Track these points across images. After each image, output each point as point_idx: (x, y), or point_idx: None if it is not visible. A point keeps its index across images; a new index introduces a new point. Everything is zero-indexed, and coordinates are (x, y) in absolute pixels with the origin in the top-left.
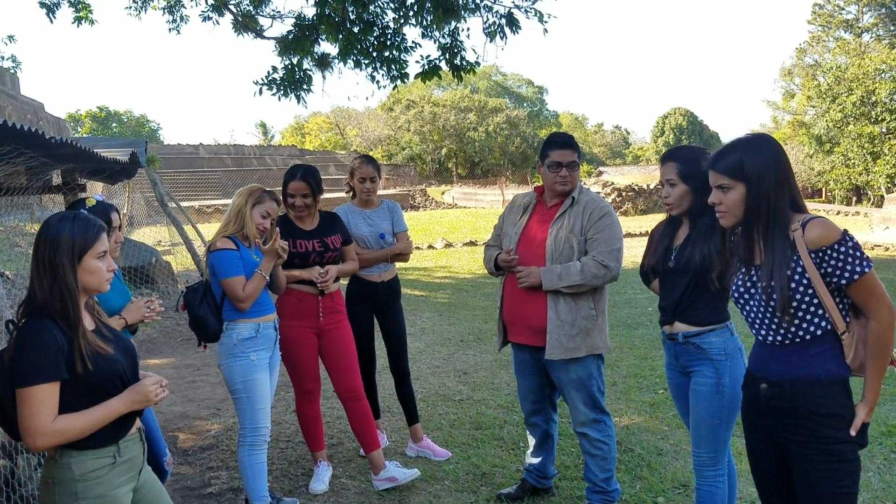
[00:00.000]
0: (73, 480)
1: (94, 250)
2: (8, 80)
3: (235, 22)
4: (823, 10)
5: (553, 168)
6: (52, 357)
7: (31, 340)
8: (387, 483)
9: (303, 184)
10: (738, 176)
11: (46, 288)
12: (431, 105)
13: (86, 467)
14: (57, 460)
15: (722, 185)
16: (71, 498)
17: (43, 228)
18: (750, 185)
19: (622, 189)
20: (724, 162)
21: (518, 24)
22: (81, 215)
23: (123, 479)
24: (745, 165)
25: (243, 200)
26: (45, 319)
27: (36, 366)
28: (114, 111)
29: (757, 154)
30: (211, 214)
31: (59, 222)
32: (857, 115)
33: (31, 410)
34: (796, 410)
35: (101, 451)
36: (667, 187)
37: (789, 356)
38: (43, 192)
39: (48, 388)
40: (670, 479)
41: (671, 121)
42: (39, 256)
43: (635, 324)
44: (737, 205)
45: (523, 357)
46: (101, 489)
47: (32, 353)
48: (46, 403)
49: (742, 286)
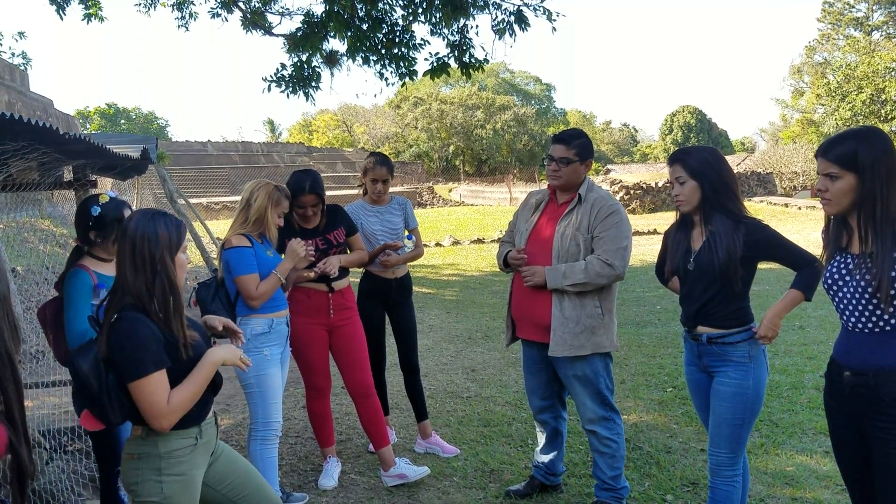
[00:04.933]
0: (158, 457)
1: (183, 245)
2: (17, 77)
3: (244, 19)
4: (833, 7)
5: (548, 162)
6: (155, 346)
7: (132, 334)
8: (396, 480)
9: (313, 196)
10: (850, 166)
11: (144, 282)
12: (439, 102)
13: (171, 445)
14: (144, 438)
15: (831, 173)
16: (154, 473)
17: (134, 226)
18: (862, 176)
19: (630, 187)
20: (836, 151)
21: (527, 21)
22: (167, 213)
23: (202, 459)
24: (858, 155)
25: (266, 202)
26: (138, 313)
27: (144, 357)
28: (122, 108)
29: (871, 145)
30: (219, 211)
31: (152, 219)
32: (866, 114)
33: (152, 398)
34: (880, 398)
35: (186, 433)
36: (676, 185)
37: (875, 345)
38: (54, 187)
39: (159, 375)
40: (679, 477)
41: (679, 119)
42: (137, 252)
43: (643, 322)
44: (844, 194)
45: (532, 354)
46: (183, 468)
47: (136, 345)
48: (161, 387)
49: (837, 273)
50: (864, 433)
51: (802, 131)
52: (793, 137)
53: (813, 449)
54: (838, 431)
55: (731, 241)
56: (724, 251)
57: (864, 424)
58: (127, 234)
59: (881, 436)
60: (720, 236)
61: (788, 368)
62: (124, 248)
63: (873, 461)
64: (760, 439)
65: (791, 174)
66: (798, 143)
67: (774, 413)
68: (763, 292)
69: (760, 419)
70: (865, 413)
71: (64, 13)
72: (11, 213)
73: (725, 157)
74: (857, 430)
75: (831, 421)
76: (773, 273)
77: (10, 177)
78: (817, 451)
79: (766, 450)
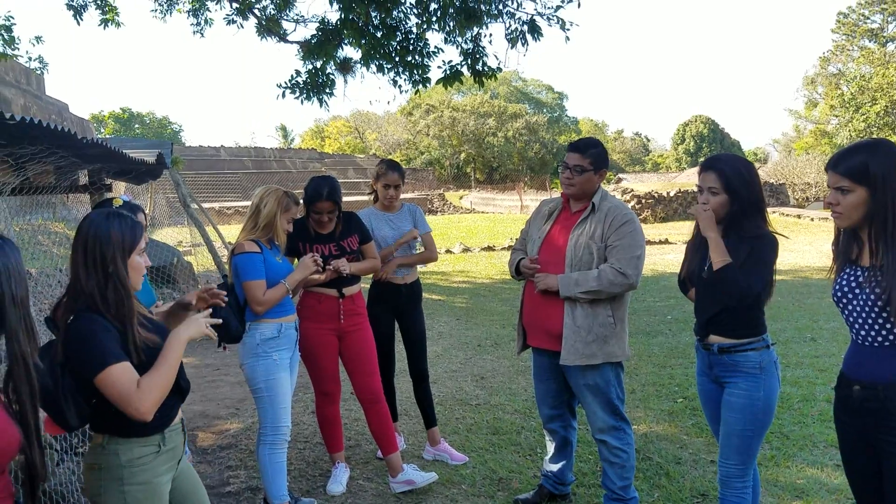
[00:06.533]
0: (119, 466)
1: (139, 247)
2: (34, 81)
3: (259, 26)
4: (848, 18)
5: (562, 169)
6: (113, 342)
7: (88, 333)
8: (405, 486)
9: (330, 203)
10: (861, 179)
11: (96, 284)
12: (451, 110)
13: (132, 454)
14: (104, 447)
15: (842, 187)
16: (116, 483)
17: (87, 226)
18: (874, 189)
19: (642, 196)
20: (847, 164)
21: (540, 31)
22: (124, 213)
23: (165, 467)
24: (870, 168)
25: (275, 208)
26: (93, 314)
27: (103, 351)
28: (136, 112)
29: (882, 157)
30: (231, 216)
31: (106, 220)
32: (880, 125)
33: (120, 385)
34: (890, 413)
35: (148, 440)
36: (706, 194)
37: (885, 358)
38: (70, 191)
39: (122, 364)
40: (689, 489)
41: (692, 128)
42: (88, 253)
43: (654, 332)
44: (855, 208)
45: (542, 362)
46: (146, 476)
47: (93, 342)
48: (126, 374)
49: (846, 285)
50: (874, 447)
51: (816, 142)
52: (806, 148)
53: (823, 462)
54: (848, 445)
55: (736, 259)
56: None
57: (873, 438)
58: (79, 235)
59: (891, 450)
60: (732, 249)
61: (800, 381)
62: (77, 248)
63: (883, 475)
64: (771, 451)
65: (804, 185)
66: (811, 155)
67: (785, 425)
68: (775, 304)
69: (771, 431)
70: (875, 427)
71: (81, 18)
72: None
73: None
74: (868, 444)
75: (841, 434)
76: (786, 284)
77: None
78: (828, 465)
79: (776, 462)
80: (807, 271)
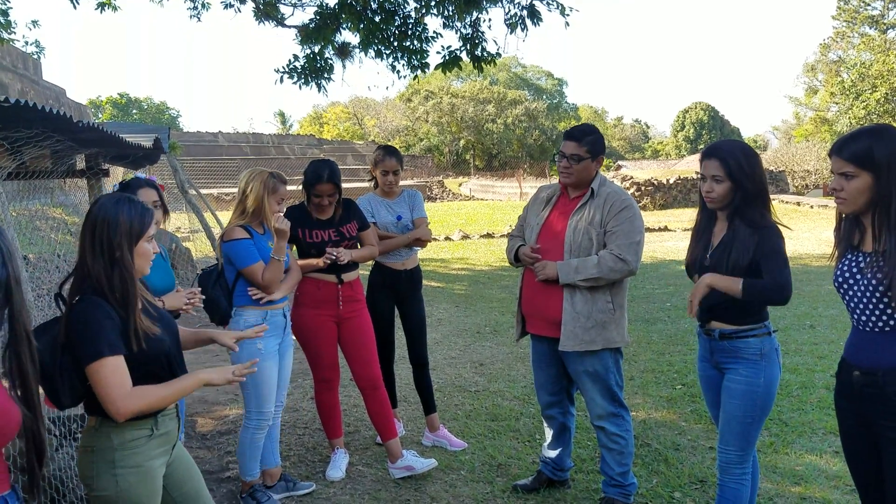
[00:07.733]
0: (111, 449)
1: (147, 234)
2: (31, 66)
3: (257, 10)
4: (848, 5)
5: (559, 159)
6: (112, 331)
7: (89, 317)
8: (404, 472)
9: (330, 185)
10: (866, 164)
11: (102, 268)
12: (450, 96)
13: (124, 437)
14: (98, 429)
15: (846, 172)
16: (108, 465)
17: (97, 209)
18: (878, 175)
19: (641, 183)
20: (851, 149)
21: (539, 16)
22: (135, 199)
23: (159, 451)
24: (874, 154)
25: (262, 191)
26: (98, 297)
27: (100, 341)
28: (134, 98)
29: (886, 142)
30: (229, 202)
31: (116, 204)
32: (880, 113)
33: (107, 382)
34: (888, 398)
35: (140, 424)
36: (710, 182)
37: (885, 344)
38: (67, 175)
39: (115, 360)
40: (687, 475)
41: (692, 115)
42: (96, 236)
43: (653, 319)
44: (859, 193)
45: (541, 348)
46: (138, 459)
47: (94, 329)
48: (117, 372)
49: (847, 271)
50: (873, 433)
51: (815, 129)
52: (806, 136)
53: (823, 448)
54: (848, 431)
55: (744, 248)
56: (735, 256)
57: (873, 424)
58: (89, 218)
59: (890, 435)
60: (736, 240)
61: (799, 367)
62: (85, 232)
63: (882, 461)
64: (770, 438)
65: (803, 173)
66: (811, 142)
67: (784, 412)
68: None
69: (770, 418)
70: (875, 413)
71: (78, 2)
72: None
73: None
74: (867, 430)
75: (841, 420)
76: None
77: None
78: (827, 451)
79: (775, 448)
80: (806, 259)
